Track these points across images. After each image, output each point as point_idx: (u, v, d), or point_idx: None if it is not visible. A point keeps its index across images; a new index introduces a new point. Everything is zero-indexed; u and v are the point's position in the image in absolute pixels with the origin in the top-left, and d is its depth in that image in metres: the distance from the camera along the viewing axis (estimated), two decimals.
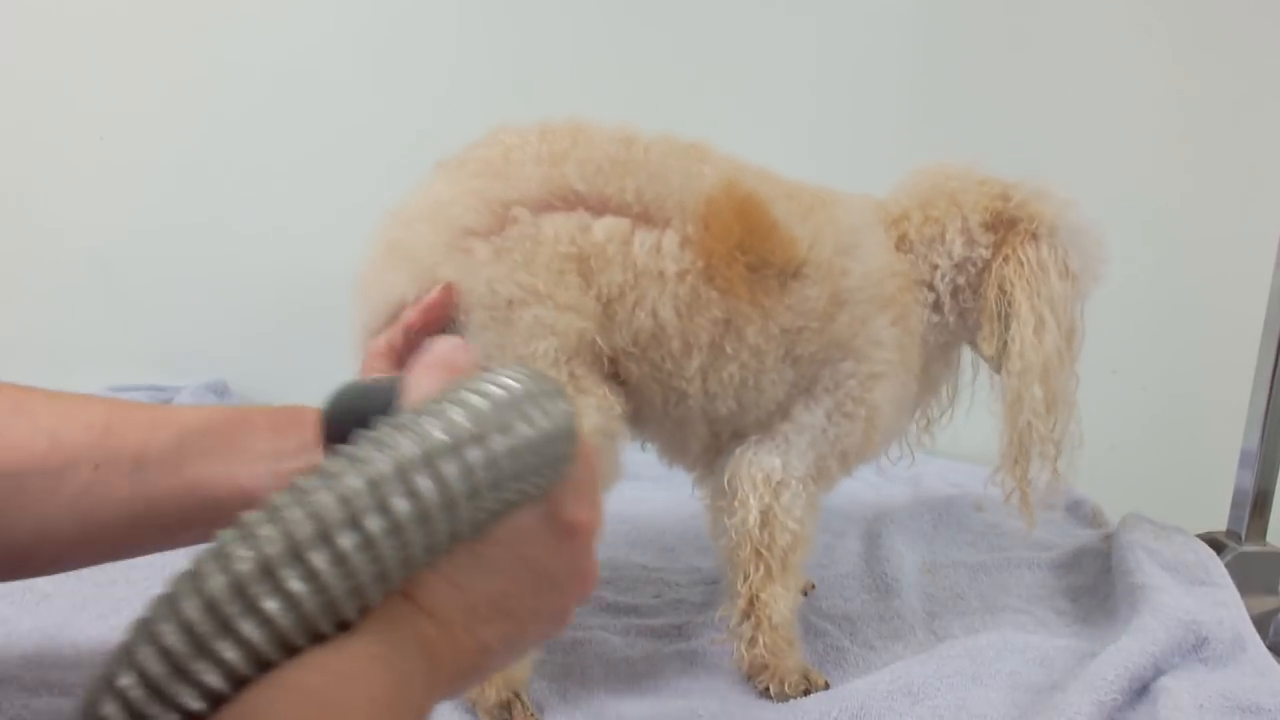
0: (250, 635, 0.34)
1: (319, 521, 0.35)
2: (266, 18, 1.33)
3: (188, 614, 0.34)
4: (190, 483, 0.61)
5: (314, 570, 0.35)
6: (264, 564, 0.35)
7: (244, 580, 0.35)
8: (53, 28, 1.30)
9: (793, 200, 0.75)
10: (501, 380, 0.41)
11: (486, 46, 1.35)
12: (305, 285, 1.31)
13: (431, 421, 0.38)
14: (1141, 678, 0.75)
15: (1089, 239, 0.82)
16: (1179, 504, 1.09)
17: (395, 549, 0.37)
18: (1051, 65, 1.38)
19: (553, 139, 0.68)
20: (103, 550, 0.62)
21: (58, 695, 0.71)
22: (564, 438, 0.43)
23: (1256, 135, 1.41)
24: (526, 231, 0.65)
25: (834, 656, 0.86)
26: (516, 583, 0.44)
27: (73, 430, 0.60)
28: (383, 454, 0.37)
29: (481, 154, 0.69)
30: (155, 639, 0.34)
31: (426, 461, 0.37)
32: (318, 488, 0.36)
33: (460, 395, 0.40)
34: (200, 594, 0.35)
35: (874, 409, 0.78)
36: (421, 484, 0.37)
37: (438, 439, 0.38)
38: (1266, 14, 1.37)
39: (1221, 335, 1.31)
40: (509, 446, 0.39)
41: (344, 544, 0.36)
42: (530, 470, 0.41)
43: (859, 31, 1.37)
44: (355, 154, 1.32)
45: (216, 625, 0.34)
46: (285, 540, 0.35)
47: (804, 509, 0.78)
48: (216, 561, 0.35)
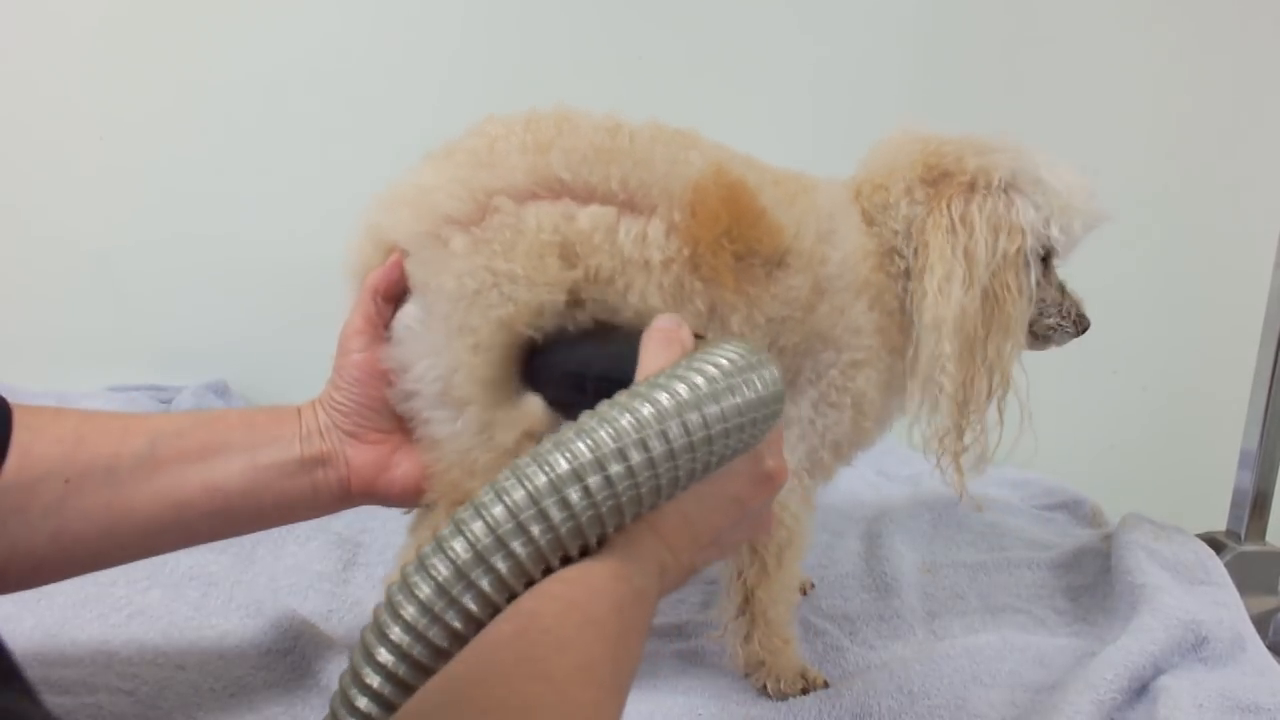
0: (538, 536, 0.44)
1: (596, 450, 0.45)
2: (267, 18, 1.33)
3: (492, 514, 0.44)
4: (163, 488, 0.61)
5: (589, 489, 0.45)
6: (553, 480, 0.45)
7: (539, 492, 0.44)
8: (53, 28, 1.30)
9: (779, 187, 0.74)
10: (728, 353, 0.52)
11: (487, 45, 1.35)
12: (305, 285, 1.31)
13: (679, 383, 0.49)
14: (1141, 677, 0.75)
15: (1056, 191, 0.78)
16: (1179, 504, 1.09)
17: (650, 479, 0.47)
18: (1051, 64, 1.38)
19: (538, 128, 0.68)
20: (79, 563, 0.62)
21: (59, 693, 0.71)
22: (774, 400, 0.53)
23: (1257, 135, 1.41)
24: (508, 221, 0.65)
25: (833, 656, 0.86)
26: (727, 518, 0.54)
27: (43, 444, 0.59)
28: (643, 405, 0.47)
29: (468, 144, 0.69)
30: (464, 533, 0.44)
31: (677, 413, 0.47)
32: (594, 427, 0.46)
33: (698, 364, 0.50)
34: (503, 501, 0.44)
35: (859, 396, 0.77)
36: (672, 429, 0.47)
37: (684, 396, 0.48)
38: (1266, 14, 1.37)
39: (1221, 335, 1.31)
40: (735, 406, 0.50)
41: (613, 470, 0.45)
42: (749, 425, 0.51)
43: (860, 30, 1.37)
44: (356, 154, 1.32)
45: (514, 527, 0.44)
46: (570, 463, 0.45)
47: (798, 504, 0.78)
48: (515, 475, 0.45)
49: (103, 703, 0.70)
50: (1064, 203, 0.78)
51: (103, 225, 1.36)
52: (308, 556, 0.97)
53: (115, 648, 0.79)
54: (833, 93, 1.38)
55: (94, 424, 0.63)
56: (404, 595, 0.43)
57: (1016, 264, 0.76)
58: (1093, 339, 0.85)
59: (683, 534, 0.51)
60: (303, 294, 1.32)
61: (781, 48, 1.37)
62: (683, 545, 0.51)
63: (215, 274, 1.38)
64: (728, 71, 1.37)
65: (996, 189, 0.77)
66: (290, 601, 0.88)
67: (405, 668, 0.42)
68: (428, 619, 0.43)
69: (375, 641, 0.43)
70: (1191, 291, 1.44)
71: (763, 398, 0.52)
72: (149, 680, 0.74)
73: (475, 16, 1.35)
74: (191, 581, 0.90)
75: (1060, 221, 0.78)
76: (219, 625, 0.84)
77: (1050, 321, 0.83)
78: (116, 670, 0.76)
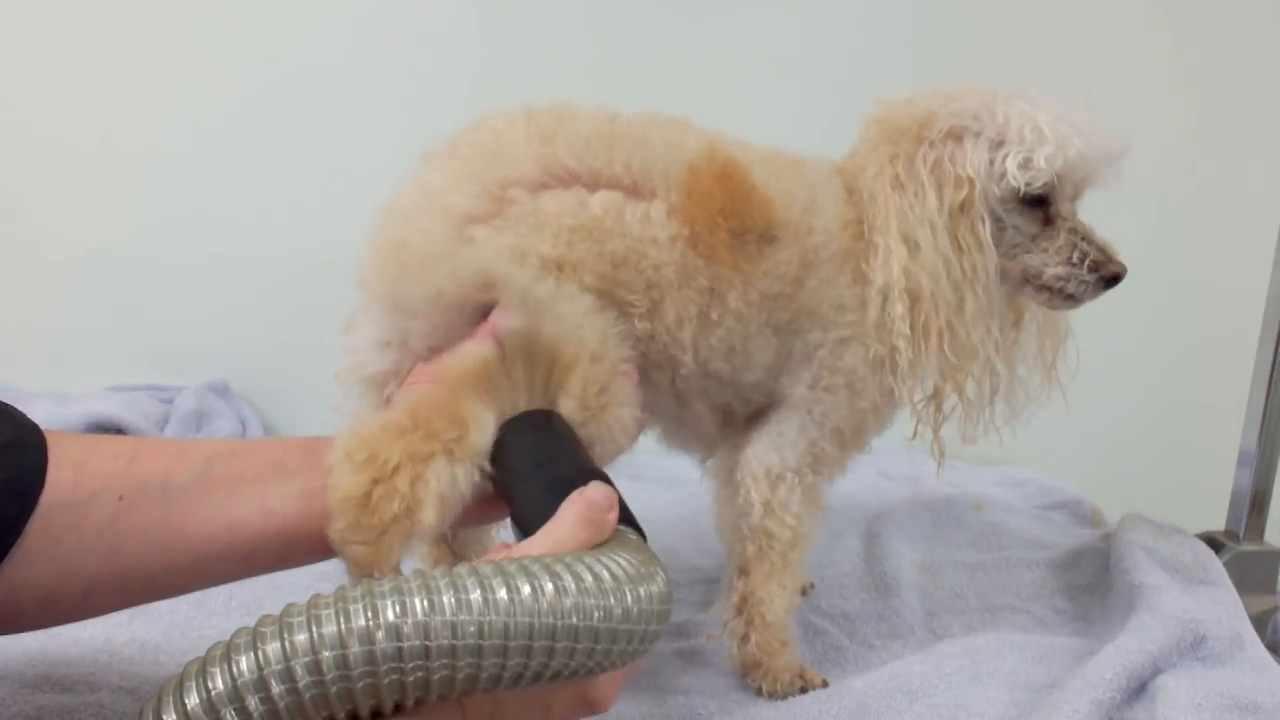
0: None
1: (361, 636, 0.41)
2: (268, 19, 1.33)
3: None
4: (218, 508, 0.60)
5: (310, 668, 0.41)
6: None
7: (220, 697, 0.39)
8: (53, 27, 1.30)
9: (768, 162, 0.75)
10: (613, 566, 0.45)
11: (485, 44, 1.35)
12: (306, 286, 1.31)
13: (549, 580, 0.42)
14: (1140, 676, 0.75)
15: (1019, 129, 0.73)
16: (1178, 503, 1.09)
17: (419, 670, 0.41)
18: (1051, 64, 1.38)
19: (540, 119, 0.69)
20: (131, 590, 0.60)
21: (60, 692, 0.71)
22: (642, 637, 0.46)
23: (1257, 135, 1.41)
24: (526, 210, 0.65)
25: (833, 655, 0.86)
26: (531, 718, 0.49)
27: (98, 460, 0.58)
28: (484, 603, 0.41)
29: (471, 139, 0.69)
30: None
31: (528, 612, 0.41)
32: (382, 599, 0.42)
33: (577, 567, 0.44)
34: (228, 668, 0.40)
35: (850, 374, 0.76)
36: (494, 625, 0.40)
37: (542, 607, 0.41)
38: (1266, 14, 1.38)
39: (1220, 335, 1.31)
40: (596, 629, 0.43)
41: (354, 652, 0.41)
42: (610, 649, 0.44)
43: (861, 29, 1.37)
44: (358, 154, 1.32)
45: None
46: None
47: (801, 503, 0.78)
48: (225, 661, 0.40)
49: (104, 701, 0.70)
50: (1029, 139, 0.72)
51: (103, 225, 1.36)
52: None
53: (117, 646, 0.79)
54: (833, 92, 1.38)
55: (151, 444, 0.62)
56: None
57: (971, 217, 0.73)
58: (1092, 340, 0.85)
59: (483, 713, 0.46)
60: (303, 294, 1.32)
61: (788, 44, 1.37)
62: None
63: (216, 274, 1.38)
64: (732, 70, 1.37)
65: (940, 138, 0.74)
66: (291, 600, 0.88)
67: None
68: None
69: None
70: (1191, 291, 1.44)
71: (632, 634, 0.45)
72: (150, 679, 0.74)
73: (472, 16, 1.35)
74: None
75: (1019, 158, 0.72)
76: (219, 625, 0.84)
77: (1057, 271, 0.76)
78: (118, 669, 0.76)
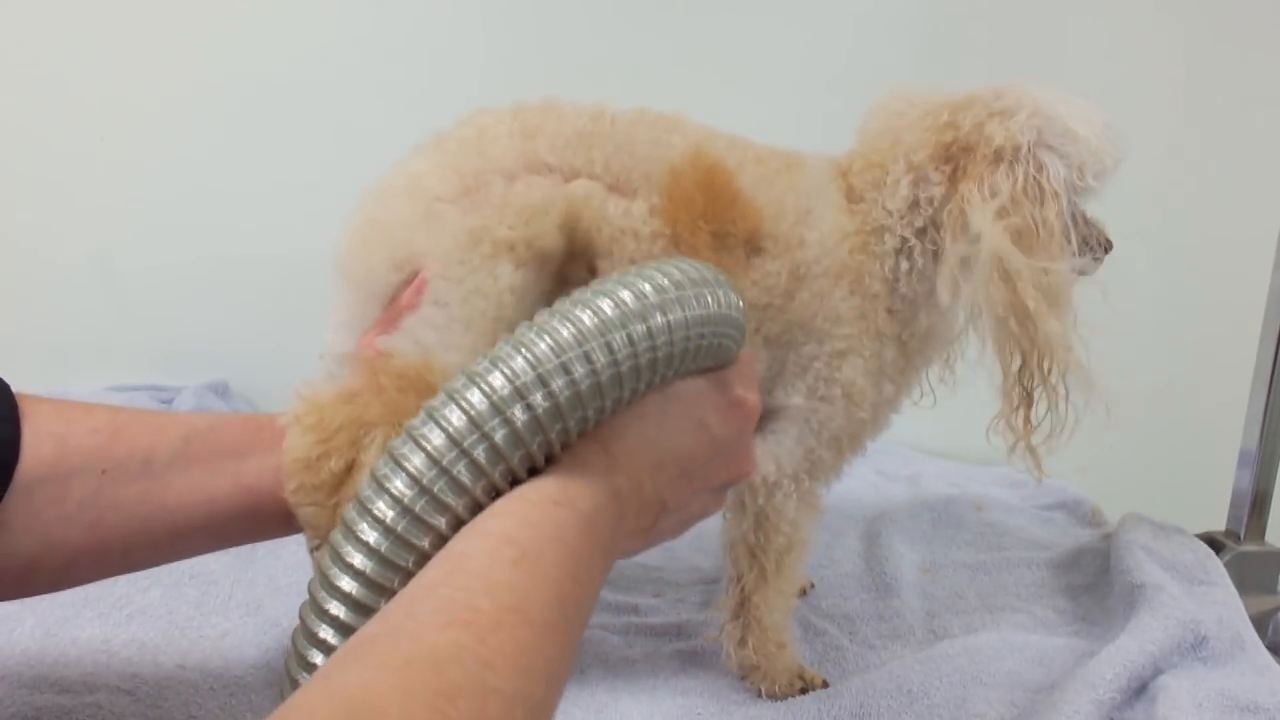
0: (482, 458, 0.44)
1: (539, 367, 0.45)
2: (267, 19, 1.33)
3: (432, 443, 0.44)
4: (196, 482, 0.61)
5: (531, 404, 0.44)
6: (494, 400, 0.44)
7: (479, 415, 0.44)
8: (54, 28, 1.30)
9: (761, 165, 0.73)
10: (681, 266, 0.50)
11: (488, 46, 1.35)
12: (306, 286, 1.30)
13: (625, 290, 0.47)
14: (1140, 676, 0.75)
15: (1084, 137, 0.72)
16: (1178, 503, 1.09)
17: (591, 392, 0.46)
18: (1051, 65, 1.38)
19: (526, 116, 0.69)
20: (111, 561, 0.61)
21: (59, 692, 0.71)
22: (730, 321, 0.51)
23: (1256, 135, 1.41)
24: (497, 192, 0.66)
25: (833, 655, 0.86)
26: (696, 444, 0.52)
27: (79, 435, 0.59)
28: (582, 315, 0.46)
29: (458, 134, 0.69)
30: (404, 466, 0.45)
31: (621, 324, 0.47)
32: (533, 340, 0.45)
33: (648, 272, 0.49)
34: (442, 427, 0.45)
35: (849, 386, 0.75)
36: (616, 340, 0.46)
37: (630, 305, 0.47)
38: (1266, 13, 1.37)
39: (1221, 335, 1.31)
40: (684, 318, 0.48)
41: (555, 385, 0.45)
42: (703, 339, 0.49)
43: (860, 29, 1.37)
44: (358, 154, 1.31)
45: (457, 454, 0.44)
46: (509, 383, 0.44)
47: (798, 510, 0.78)
48: (453, 399, 0.45)
49: (103, 702, 0.70)
50: (1094, 146, 0.72)
51: (103, 226, 1.36)
52: (308, 556, 0.97)
53: (115, 647, 0.79)
54: (831, 90, 1.38)
55: (131, 417, 0.63)
56: (367, 521, 0.45)
57: (1059, 231, 0.72)
58: (1092, 339, 0.85)
59: (643, 456, 0.49)
60: (303, 295, 1.31)
61: (789, 44, 1.37)
62: (643, 468, 0.49)
63: (215, 274, 1.38)
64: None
65: (1025, 154, 0.71)
66: (290, 601, 0.88)
67: (373, 577, 0.45)
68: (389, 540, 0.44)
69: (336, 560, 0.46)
70: (1191, 291, 1.44)
71: (716, 315, 0.50)
72: (149, 679, 0.74)
73: (475, 17, 1.35)
74: (191, 581, 0.90)
75: (1094, 168, 0.73)
76: (219, 625, 0.84)
77: (1085, 259, 0.78)
78: (117, 669, 0.76)
